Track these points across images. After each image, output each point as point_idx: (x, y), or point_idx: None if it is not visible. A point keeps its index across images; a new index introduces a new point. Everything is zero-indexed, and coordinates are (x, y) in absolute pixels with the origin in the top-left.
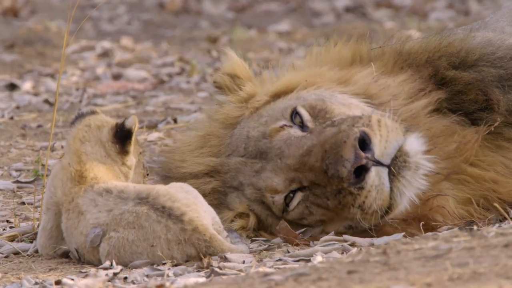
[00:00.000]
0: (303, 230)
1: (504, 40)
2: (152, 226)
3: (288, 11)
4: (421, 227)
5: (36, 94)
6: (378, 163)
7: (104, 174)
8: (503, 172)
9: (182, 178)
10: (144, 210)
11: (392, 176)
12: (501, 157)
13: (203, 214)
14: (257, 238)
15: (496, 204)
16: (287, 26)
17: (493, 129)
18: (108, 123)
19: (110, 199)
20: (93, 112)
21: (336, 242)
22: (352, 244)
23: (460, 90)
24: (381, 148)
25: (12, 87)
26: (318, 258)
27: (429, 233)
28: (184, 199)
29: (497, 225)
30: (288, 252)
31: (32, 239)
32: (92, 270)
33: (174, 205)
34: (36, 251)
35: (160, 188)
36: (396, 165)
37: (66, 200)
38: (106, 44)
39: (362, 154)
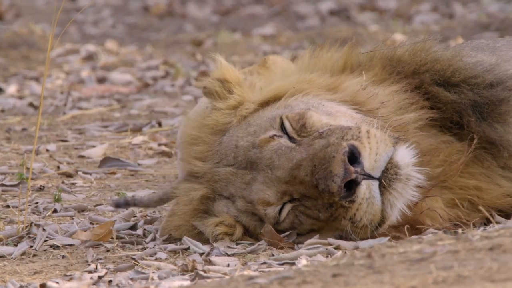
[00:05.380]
0: (287, 233)
1: (497, 67)
2: None
3: (273, 15)
4: (409, 231)
5: (20, 98)
6: (369, 177)
7: None
8: (486, 181)
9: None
10: None
11: (383, 188)
12: (482, 169)
13: None
14: (241, 242)
15: (481, 207)
16: (272, 29)
17: (474, 146)
18: None
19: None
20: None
21: (321, 245)
22: (337, 247)
23: (439, 107)
24: (371, 161)
25: None
26: (302, 261)
27: (414, 237)
28: None
29: (482, 228)
30: (273, 255)
31: (17, 243)
32: (77, 273)
33: None
34: (22, 254)
35: None
36: (387, 178)
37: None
38: (90, 47)
39: (352, 168)
